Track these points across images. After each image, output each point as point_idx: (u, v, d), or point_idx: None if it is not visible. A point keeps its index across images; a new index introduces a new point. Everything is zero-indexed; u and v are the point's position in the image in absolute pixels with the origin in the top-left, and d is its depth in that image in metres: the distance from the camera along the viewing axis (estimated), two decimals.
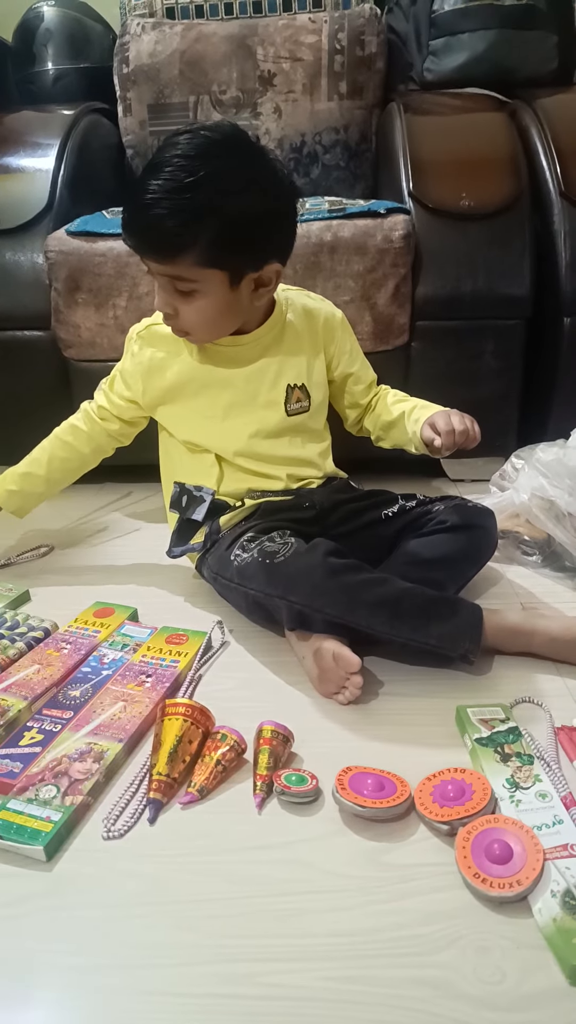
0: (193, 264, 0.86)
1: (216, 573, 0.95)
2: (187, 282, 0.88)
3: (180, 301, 0.90)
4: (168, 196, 0.83)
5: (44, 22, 1.72)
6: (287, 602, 0.85)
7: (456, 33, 1.55)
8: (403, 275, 1.23)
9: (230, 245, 0.86)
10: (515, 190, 1.26)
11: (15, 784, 0.69)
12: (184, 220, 0.83)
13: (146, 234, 0.87)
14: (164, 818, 0.68)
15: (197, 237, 0.84)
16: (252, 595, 0.90)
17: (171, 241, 0.85)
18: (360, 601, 0.82)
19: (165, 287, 0.90)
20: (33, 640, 0.92)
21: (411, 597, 0.84)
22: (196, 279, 0.87)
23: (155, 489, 1.20)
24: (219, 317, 0.93)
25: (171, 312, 0.91)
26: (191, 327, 0.93)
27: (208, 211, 0.83)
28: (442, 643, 0.83)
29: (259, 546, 0.89)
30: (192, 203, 0.83)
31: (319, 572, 0.83)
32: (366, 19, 1.57)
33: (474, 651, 0.83)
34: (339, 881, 0.61)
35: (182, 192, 0.83)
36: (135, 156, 1.66)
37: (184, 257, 0.85)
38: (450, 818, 0.64)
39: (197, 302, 0.90)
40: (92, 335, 1.27)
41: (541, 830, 0.63)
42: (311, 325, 1.03)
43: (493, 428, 1.34)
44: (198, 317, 0.91)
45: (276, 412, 1.00)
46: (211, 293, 0.89)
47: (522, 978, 0.54)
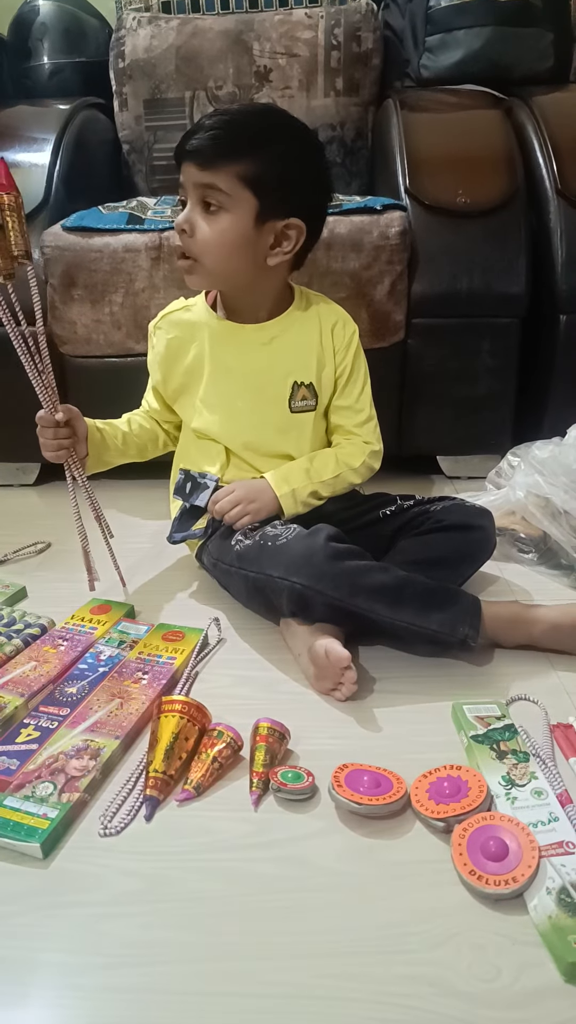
0: (232, 177, 0.87)
1: (216, 559, 0.96)
2: (220, 194, 0.88)
3: (203, 218, 0.89)
4: (230, 117, 0.90)
5: (40, 16, 1.71)
6: (288, 583, 0.85)
7: (452, 30, 1.54)
8: (399, 272, 1.23)
9: (272, 174, 0.88)
10: (511, 187, 1.26)
11: (11, 781, 0.69)
12: (243, 136, 0.88)
13: (199, 137, 0.88)
14: (160, 815, 0.68)
15: (247, 153, 0.87)
16: (252, 578, 0.90)
17: (222, 145, 0.87)
18: (361, 585, 0.83)
19: (193, 203, 0.90)
20: (30, 637, 0.92)
21: (412, 584, 0.85)
22: (229, 193, 0.88)
23: (152, 486, 1.20)
24: (233, 249, 0.90)
25: (188, 229, 0.90)
26: (203, 249, 0.90)
27: (263, 137, 0.89)
28: (442, 628, 0.83)
29: (261, 531, 0.91)
30: (251, 126, 0.89)
31: (321, 555, 0.84)
32: (362, 15, 1.57)
33: (473, 636, 0.84)
34: (335, 878, 0.62)
35: (243, 119, 0.91)
36: (131, 151, 1.65)
37: (227, 167, 0.87)
38: (446, 815, 0.64)
39: (220, 222, 0.89)
40: (88, 331, 1.27)
41: (537, 827, 0.63)
42: (324, 327, 1.02)
43: (489, 426, 1.35)
44: (216, 239, 0.89)
45: (279, 407, 1.00)
46: (236, 216, 0.89)
47: (517, 975, 0.54)
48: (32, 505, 1.37)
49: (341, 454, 1.02)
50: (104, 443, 1.00)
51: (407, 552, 0.95)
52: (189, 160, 0.88)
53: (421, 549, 0.95)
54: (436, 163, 1.31)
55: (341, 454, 1.02)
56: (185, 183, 0.90)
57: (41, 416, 0.92)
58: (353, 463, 1.01)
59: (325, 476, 0.99)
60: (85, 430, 0.96)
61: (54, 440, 0.93)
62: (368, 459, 1.03)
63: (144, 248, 1.22)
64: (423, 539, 0.96)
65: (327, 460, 1.00)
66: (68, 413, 0.92)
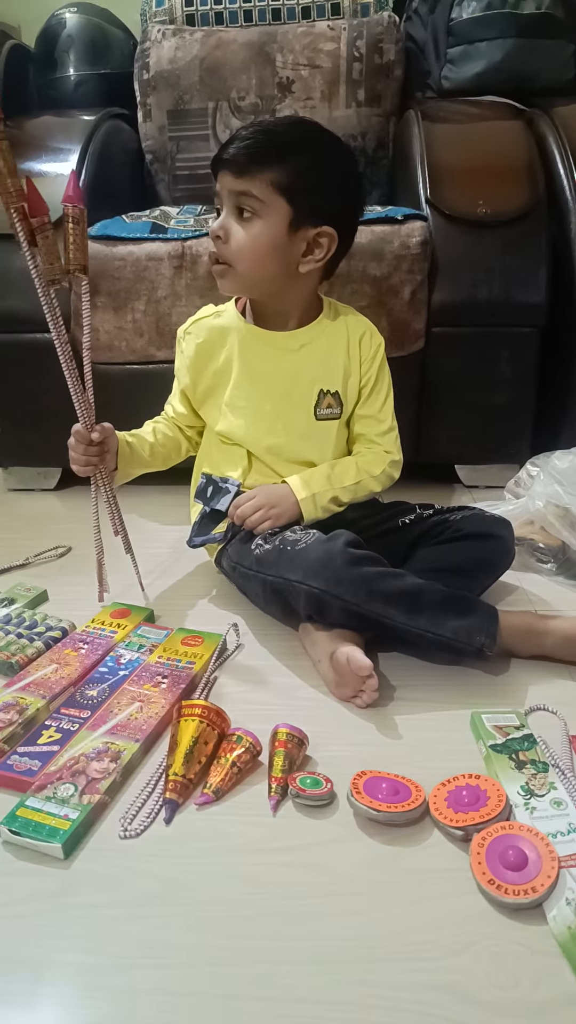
0: (266, 184, 0.89)
1: (236, 563, 0.97)
2: (254, 200, 0.90)
3: (237, 224, 0.92)
4: (265, 127, 0.94)
5: (66, 28, 1.74)
6: (306, 587, 0.85)
7: (474, 41, 1.55)
8: (419, 281, 1.23)
9: (306, 182, 0.90)
10: (532, 198, 1.26)
11: (33, 782, 0.69)
12: (277, 145, 0.90)
13: (235, 147, 0.90)
14: (180, 818, 0.69)
15: (280, 162, 0.89)
16: (271, 581, 0.91)
17: (257, 153, 0.89)
18: (378, 591, 0.84)
19: (228, 210, 0.92)
20: (51, 640, 0.93)
21: (429, 591, 0.85)
22: (264, 200, 0.90)
23: (173, 492, 1.21)
24: (266, 255, 0.92)
25: (223, 235, 0.92)
26: (236, 254, 0.92)
27: (297, 146, 0.91)
28: (458, 636, 0.83)
29: (280, 536, 0.92)
30: (285, 136, 0.93)
31: (339, 559, 0.85)
32: (384, 27, 1.58)
33: (490, 646, 0.84)
34: (353, 884, 0.62)
35: (278, 129, 0.94)
36: (154, 161, 1.67)
37: (261, 174, 0.89)
38: (465, 824, 0.64)
39: (254, 228, 0.91)
40: (110, 338, 1.28)
41: (556, 838, 0.63)
42: (352, 338, 1.03)
43: (507, 435, 1.35)
44: (249, 244, 0.91)
45: (305, 414, 1.01)
46: (270, 222, 0.91)
47: (536, 984, 0.54)
48: (53, 509, 1.38)
49: (362, 462, 1.02)
50: (132, 456, 1.01)
51: (426, 560, 0.95)
52: (225, 168, 0.91)
53: (440, 557, 0.95)
54: (457, 173, 1.31)
55: (362, 462, 1.02)
56: (221, 191, 0.93)
57: (77, 431, 0.93)
58: (374, 471, 1.02)
59: (346, 482, 1.00)
60: (116, 445, 0.97)
61: (84, 456, 0.94)
62: (388, 468, 1.03)
63: (167, 257, 1.23)
64: (442, 548, 0.96)
65: (348, 467, 1.01)
66: (104, 433, 0.93)
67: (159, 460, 1.06)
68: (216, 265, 0.95)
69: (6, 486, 1.46)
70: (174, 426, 1.09)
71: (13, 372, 1.34)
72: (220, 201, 0.94)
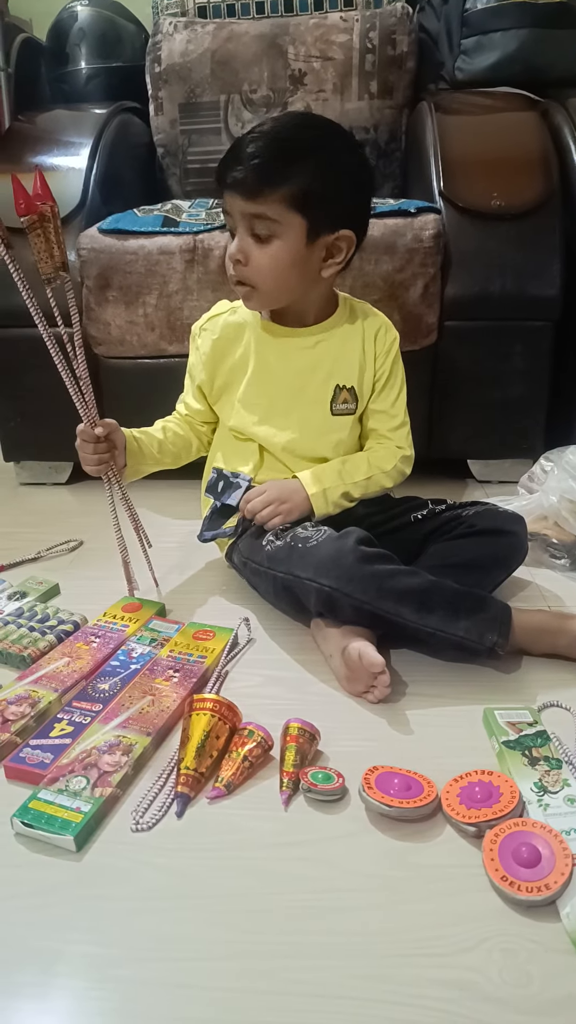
0: (279, 203, 0.87)
1: (247, 558, 0.97)
2: (269, 222, 0.88)
3: (255, 247, 0.90)
4: (269, 139, 0.88)
5: (78, 22, 1.74)
6: (317, 585, 0.85)
7: (488, 32, 1.54)
8: (432, 275, 1.23)
9: (317, 193, 0.88)
10: (546, 190, 1.25)
11: (46, 775, 0.70)
12: (282, 157, 0.87)
13: (243, 167, 0.87)
14: (191, 812, 0.69)
15: (290, 176, 0.86)
16: (281, 578, 0.90)
17: (267, 175, 0.86)
18: (389, 589, 0.83)
19: (243, 233, 0.90)
20: (63, 633, 0.93)
21: (440, 589, 0.84)
22: (278, 220, 0.88)
23: (183, 486, 1.21)
24: (288, 270, 0.91)
25: (243, 259, 0.90)
26: (259, 276, 0.91)
27: (304, 154, 0.88)
28: (470, 635, 0.83)
29: (292, 533, 0.91)
30: (291, 145, 0.88)
31: (350, 557, 0.84)
32: (397, 18, 1.57)
33: (502, 645, 0.83)
34: (364, 880, 0.62)
35: (283, 137, 0.88)
36: (166, 155, 1.67)
37: (274, 194, 0.87)
38: (477, 820, 0.64)
39: (272, 248, 0.89)
40: (122, 332, 1.28)
41: (570, 834, 0.62)
42: (368, 333, 1.03)
43: (521, 430, 1.34)
44: (270, 264, 0.90)
45: (321, 409, 1.01)
46: (288, 240, 0.89)
47: (549, 982, 0.53)
48: (65, 503, 1.39)
49: (373, 457, 1.02)
50: (141, 452, 1.00)
51: (438, 556, 0.95)
52: (234, 192, 0.88)
53: (453, 553, 0.94)
54: (470, 166, 1.30)
55: (373, 457, 1.02)
56: (232, 212, 0.90)
57: (82, 431, 0.93)
58: (385, 466, 1.01)
59: (357, 477, 0.99)
60: (123, 441, 0.96)
61: (94, 455, 0.93)
62: (400, 464, 1.03)
63: (178, 250, 1.23)
64: (455, 543, 0.96)
65: (359, 462, 1.01)
66: (107, 427, 0.93)
67: (169, 457, 1.06)
68: (239, 287, 0.94)
69: (18, 480, 1.47)
70: (186, 424, 1.09)
71: (24, 367, 1.34)
72: (232, 221, 0.91)
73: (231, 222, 0.92)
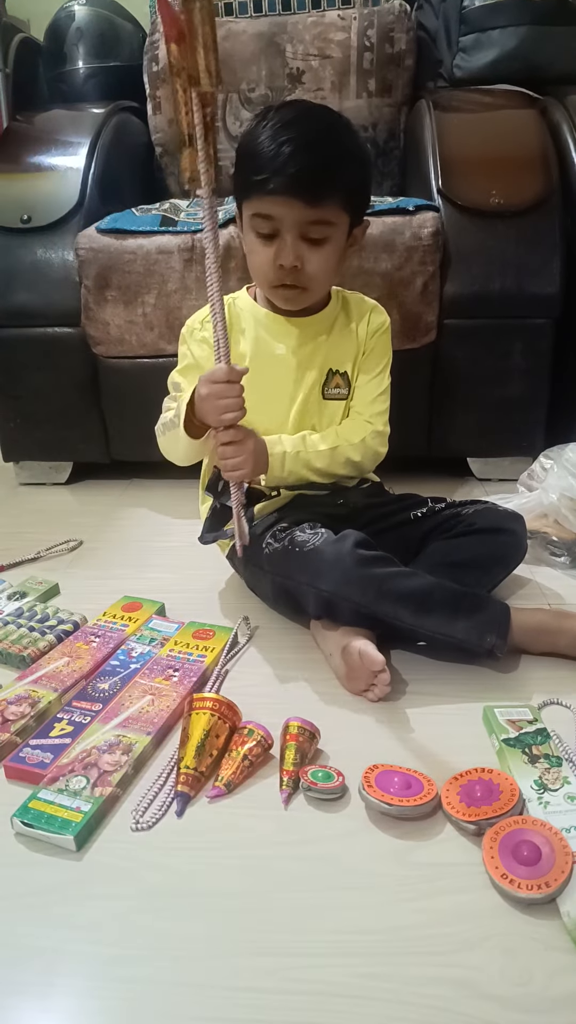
0: (337, 205, 0.88)
1: (246, 559, 0.96)
2: (325, 227, 0.88)
3: (308, 251, 0.89)
4: (320, 140, 0.86)
5: (75, 22, 1.74)
6: (315, 590, 0.85)
7: (486, 29, 1.53)
8: (431, 273, 1.22)
9: (361, 190, 0.91)
10: (545, 188, 1.25)
11: (46, 774, 0.70)
12: (336, 161, 0.86)
13: (299, 174, 0.84)
14: (191, 811, 0.69)
15: (343, 179, 0.87)
16: (280, 582, 0.90)
17: (328, 181, 0.86)
18: (387, 592, 0.83)
19: (295, 238, 0.88)
20: (63, 633, 0.93)
21: (439, 591, 0.84)
22: (334, 222, 0.89)
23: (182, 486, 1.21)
24: (335, 268, 0.93)
25: (299, 264, 0.89)
26: (313, 278, 0.91)
27: (351, 153, 0.89)
28: (468, 637, 0.83)
29: (290, 535, 0.91)
30: (341, 145, 0.88)
31: (348, 561, 0.84)
32: (395, 16, 1.57)
33: (501, 647, 0.83)
34: (365, 878, 0.62)
35: (330, 136, 0.87)
36: (164, 154, 1.67)
37: (332, 199, 0.87)
38: (477, 818, 0.64)
39: (325, 250, 0.90)
40: (121, 332, 1.28)
41: (570, 832, 0.62)
42: (362, 318, 1.03)
43: (520, 428, 1.34)
44: (322, 266, 0.91)
45: (314, 393, 1.01)
46: (337, 240, 0.91)
47: (550, 980, 0.53)
48: (65, 503, 1.39)
49: (341, 429, 1.00)
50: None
51: (438, 554, 0.95)
52: (289, 198, 0.85)
53: (452, 552, 0.94)
54: (469, 164, 1.30)
55: (341, 429, 1.00)
56: (280, 218, 0.87)
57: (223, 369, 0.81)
58: (352, 439, 0.99)
59: (321, 447, 0.97)
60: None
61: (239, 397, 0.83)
62: (370, 439, 1.00)
63: (177, 250, 1.23)
64: (454, 542, 0.96)
65: (326, 434, 0.99)
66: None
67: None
68: (287, 290, 0.92)
69: (17, 481, 1.47)
70: None
71: (23, 367, 1.34)
72: (276, 224, 0.88)
73: (270, 226, 0.88)
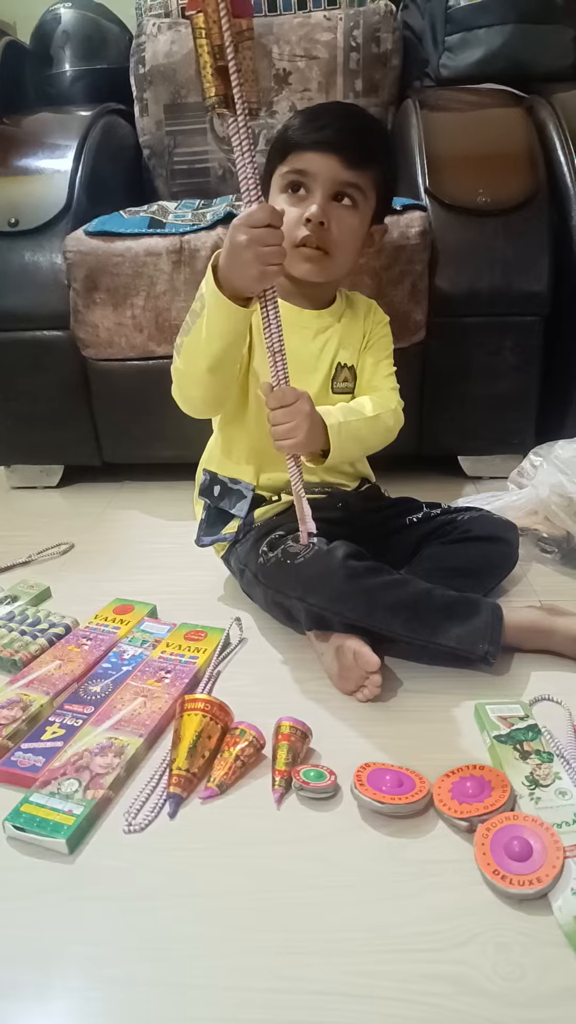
0: (370, 178, 0.92)
1: (244, 565, 0.96)
2: (356, 191, 0.91)
3: (336, 212, 0.91)
4: (362, 115, 0.97)
5: (61, 24, 1.74)
6: (306, 604, 0.85)
7: (472, 28, 1.54)
8: (420, 272, 1.23)
9: (390, 181, 0.97)
10: (532, 186, 1.25)
11: (38, 778, 0.70)
12: (380, 139, 0.95)
13: (346, 133, 0.90)
14: (184, 813, 0.68)
15: (382, 156, 0.94)
16: (272, 594, 0.90)
17: (373, 147, 0.92)
18: (379, 604, 0.82)
19: (326, 196, 0.90)
20: (54, 636, 0.93)
21: (430, 599, 0.84)
22: (365, 192, 0.92)
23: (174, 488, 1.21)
24: (356, 247, 0.96)
25: (326, 221, 0.90)
26: (338, 243, 0.92)
27: (387, 140, 0.99)
28: (461, 644, 0.83)
29: (283, 546, 0.90)
30: (379, 129, 0.98)
31: (338, 575, 0.83)
32: (381, 16, 1.57)
33: (494, 652, 0.83)
34: (357, 876, 0.62)
35: (368, 118, 0.98)
36: (152, 156, 1.67)
37: (370, 168, 0.91)
38: (469, 815, 0.64)
39: (352, 218, 0.92)
40: (110, 335, 1.28)
41: (561, 827, 0.62)
42: (366, 316, 1.06)
43: (510, 425, 1.34)
44: (347, 234, 0.93)
45: (323, 388, 1.01)
46: (363, 216, 0.94)
47: (542, 975, 0.53)
48: (56, 506, 1.38)
49: (376, 397, 1.00)
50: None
51: (433, 559, 0.95)
52: (334, 154, 0.89)
53: (447, 557, 0.95)
54: (456, 162, 1.30)
55: (376, 397, 1.00)
56: (316, 173, 0.89)
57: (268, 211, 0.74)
58: (390, 404, 1.00)
59: (366, 413, 0.95)
60: None
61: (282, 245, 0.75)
62: (398, 408, 1.02)
63: (165, 252, 1.23)
64: (450, 548, 0.96)
65: (364, 401, 0.98)
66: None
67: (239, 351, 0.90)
68: (309, 250, 0.91)
69: (8, 484, 1.46)
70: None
71: (13, 370, 1.34)
72: (308, 181, 0.89)
73: (303, 182, 0.90)
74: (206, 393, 0.91)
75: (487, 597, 0.92)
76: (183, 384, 0.92)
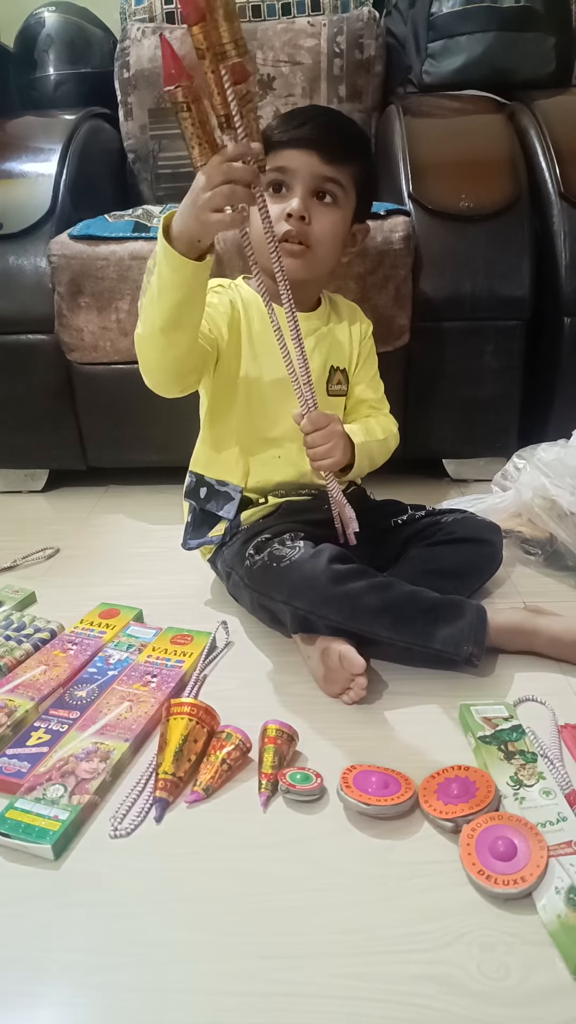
0: (349, 175, 0.94)
1: (230, 568, 0.96)
2: (336, 186, 0.93)
3: (317, 208, 0.93)
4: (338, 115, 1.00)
5: (45, 28, 1.73)
6: (291, 608, 0.85)
7: (454, 35, 1.55)
8: (403, 276, 1.23)
9: (369, 181, 0.99)
10: (514, 191, 1.27)
11: (23, 783, 0.69)
12: (357, 137, 0.98)
13: (324, 129, 0.92)
14: (170, 817, 0.68)
15: (361, 155, 0.96)
16: (258, 598, 0.90)
17: (349, 143, 0.94)
18: (363, 607, 0.83)
19: (306, 194, 0.92)
20: (40, 641, 0.92)
21: (414, 601, 0.84)
22: (345, 190, 0.94)
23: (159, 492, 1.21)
24: (337, 242, 0.97)
25: (306, 217, 0.91)
26: (319, 238, 0.93)
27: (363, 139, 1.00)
28: (446, 646, 0.83)
29: (269, 549, 0.90)
30: (356, 128, 1.00)
31: (323, 579, 0.84)
32: (364, 23, 1.58)
33: (478, 655, 0.83)
34: (344, 878, 0.62)
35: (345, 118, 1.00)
36: (136, 160, 1.67)
37: (348, 165, 0.93)
38: (454, 815, 0.65)
39: (332, 214, 0.94)
40: (95, 339, 1.28)
41: (545, 827, 0.63)
42: (352, 320, 1.08)
43: (494, 428, 1.36)
44: (329, 230, 0.94)
45: (319, 389, 1.01)
46: (344, 213, 0.95)
47: (527, 974, 0.54)
48: (40, 511, 1.38)
49: (380, 421, 1.05)
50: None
51: (416, 561, 0.95)
52: (314, 150, 0.91)
53: (432, 559, 0.95)
54: (439, 168, 1.31)
55: (380, 421, 1.05)
56: (295, 169, 0.91)
57: (240, 142, 0.72)
58: (392, 428, 1.07)
59: (378, 436, 1.02)
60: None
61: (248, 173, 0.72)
62: (397, 433, 1.08)
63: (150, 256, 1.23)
64: (434, 550, 0.97)
65: (372, 424, 1.03)
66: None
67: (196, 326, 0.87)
68: (293, 244, 0.92)
69: None
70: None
71: None
72: (288, 178, 0.91)
73: (283, 179, 0.92)
74: (163, 358, 0.87)
75: (471, 599, 0.93)
76: (142, 349, 0.88)
